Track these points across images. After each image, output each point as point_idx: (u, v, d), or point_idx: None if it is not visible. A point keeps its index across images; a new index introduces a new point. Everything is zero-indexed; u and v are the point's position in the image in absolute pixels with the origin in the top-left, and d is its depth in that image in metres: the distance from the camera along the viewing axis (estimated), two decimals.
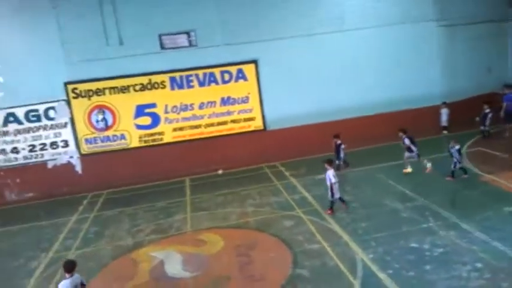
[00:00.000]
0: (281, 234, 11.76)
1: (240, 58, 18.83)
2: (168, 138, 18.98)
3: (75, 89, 18.14)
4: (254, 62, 18.99)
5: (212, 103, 19.05)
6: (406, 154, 15.34)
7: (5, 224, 15.75)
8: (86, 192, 17.80)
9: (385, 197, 13.43)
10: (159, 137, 18.95)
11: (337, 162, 15.95)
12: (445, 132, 19.49)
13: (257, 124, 19.46)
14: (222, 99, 19.09)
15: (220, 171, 18.32)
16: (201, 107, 19.00)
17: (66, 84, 18.04)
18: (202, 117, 19.05)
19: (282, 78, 19.14)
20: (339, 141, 16.25)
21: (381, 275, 9.16)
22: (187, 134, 19.08)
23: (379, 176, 15.36)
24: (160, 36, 18.25)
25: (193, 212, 14.36)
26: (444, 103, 19.58)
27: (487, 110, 18.02)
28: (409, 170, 15.26)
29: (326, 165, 12.83)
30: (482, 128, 18.17)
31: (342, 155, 16.24)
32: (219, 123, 19.22)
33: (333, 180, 12.52)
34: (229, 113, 19.22)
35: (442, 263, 9.30)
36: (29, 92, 17.77)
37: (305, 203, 13.88)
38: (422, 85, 19.93)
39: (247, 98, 19.24)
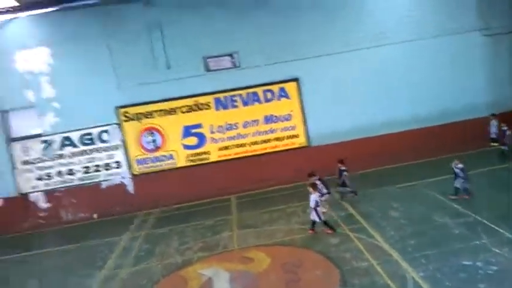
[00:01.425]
0: (327, 252, 11.70)
1: (281, 77, 19.13)
2: (214, 157, 19.42)
3: (127, 112, 19.02)
4: (296, 80, 19.21)
5: (256, 122, 19.38)
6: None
7: (62, 243, 16.59)
8: (138, 211, 18.47)
9: (434, 212, 13.08)
10: (206, 156, 19.42)
11: (340, 189, 15.23)
12: (494, 144, 18.75)
13: (301, 141, 19.56)
14: (265, 117, 19.38)
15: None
16: (245, 125, 19.36)
17: (118, 108, 18.94)
18: (246, 135, 19.40)
19: (324, 95, 19.22)
20: (343, 167, 15.49)
21: None
22: (232, 153, 19.45)
23: (428, 191, 14.99)
24: (205, 58, 18.88)
25: (240, 230, 14.55)
26: (493, 115, 18.90)
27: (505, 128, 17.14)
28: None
29: (310, 189, 12.94)
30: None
31: (346, 181, 15.41)
32: (263, 141, 19.48)
33: (313, 204, 12.70)
34: (272, 130, 19.45)
35: (496, 282, 8.96)
36: (83, 116, 18.80)
37: (351, 220, 13.75)
38: (467, 97, 19.40)
39: (290, 115, 19.43)
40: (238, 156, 19.46)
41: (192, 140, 19.34)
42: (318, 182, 14.40)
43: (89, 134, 19.13)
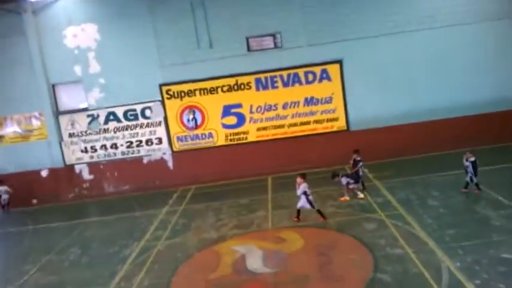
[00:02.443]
0: (362, 237, 11.61)
1: (324, 58, 18.82)
2: (252, 137, 19.52)
3: (169, 90, 19.36)
4: (339, 62, 18.86)
5: (296, 103, 19.24)
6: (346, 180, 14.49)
7: (103, 214, 17.43)
8: (176, 186, 18.94)
9: (476, 203, 12.69)
10: (244, 136, 19.55)
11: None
12: None
13: (340, 124, 19.30)
14: (306, 99, 19.21)
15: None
16: (284, 107, 19.29)
17: (161, 85, 19.31)
18: (285, 117, 19.34)
19: (367, 78, 18.79)
20: (358, 158, 15.00)
21: (468, 285, 8.70)
22: (270, 134, 19.48)
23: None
24: (247, 38, 18.83)
25: (274, 210, 14.66)
26: None
27: None
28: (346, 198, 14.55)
29: (299, 179, 12.88)
30: None
31: (360, 173, 14.90)
32: (302, 123, 19.36)
33: (300, 193, 12.82)
34: (312, 113, 19.28)
35: None
36: (128, 92, 19.31)
37: (388, 206, 13.54)
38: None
39: (331, 98, 19.16)
40: (276, 137, 19.46)
41: (232, 120, 19.49)
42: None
43: (133, 110, 19.64)
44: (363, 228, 12.24)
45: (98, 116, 19.69)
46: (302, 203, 13.00)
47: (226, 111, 19.43)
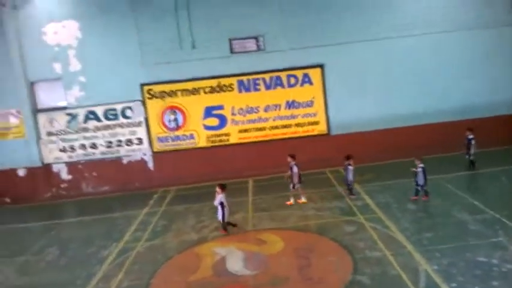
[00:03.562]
0: (341, 240, 11.74)
1: (306, 62, 18.97)
2: (234, 139, 19.53)
3: (150, 90, 19.21)
4: (320, 66, 19.04)
5: (277, 106, 19.34)
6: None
7: (81, 214, 17.15)
8: (157, 187, 18.80)
9: (453, 207, 12.95)
10: (226, 137, 19.54)
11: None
12: None
13: (321, 128, 19.48)
14: (287, 102, 19.32)
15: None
16: (266, 109, 19.36)
17: (142, 85, 19.15)
18: (267, 119, 19.42)
19: (348, 83, 19.03)
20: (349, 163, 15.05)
21: None
22: (252, 136, 19.53)
23: (448, 186, 14.83)
24: (230, 40, 18.84)
25: (255, 212, 14.70)
26: None
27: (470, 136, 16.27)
28: (291, 202, 14.94)
29: (217, 189, 12.93)
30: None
31: (350, 177, 15.02)
32: (284, 126, 19.47)
33: (217, 203, 12.80)
34: (293, 116, 19.41)
35: (511, 280, 8.86)
36: (108, 91, 19.07)
37: (368, 209, 13.73)
38: (491, 93, 18.98)
39: (312, 102, 19.33)
40: (257, 139, 19.51)
41: (213, 121, 19.45)
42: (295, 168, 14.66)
43: (113, 109, 19.41)
44: (342, 230, 12.38)
45: (78, 114, 19.39)
46: (220, 214, 12.94)
47: (208, 112, 19.39)
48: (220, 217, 12.98)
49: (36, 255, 13.07)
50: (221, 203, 12.84)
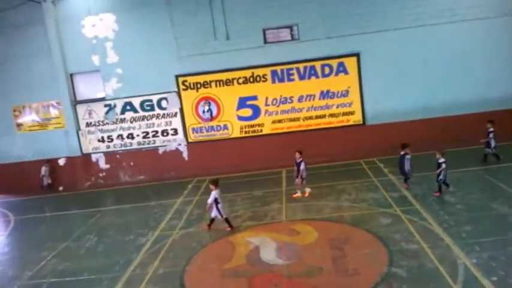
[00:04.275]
0: (377, 231, 11.54)
1: (341, 51, 18.68)
2: (267, 130, 19.52)
3: (185, 81, 19.43)
4: (356, 55, 18.70)
5: (311, 96, 19.16)
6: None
7: (119, 203, 17.63)
8: (191, 177, 19.07)
9: (493, 200, 12.50)
10: (259, 128, 19.55)
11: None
12: None
13: (356, 118, 19.18)
14: (322, 92, 19.11)
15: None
16: (300, 100, 19.22)
17: (177, 76, 19.38)
18: (301, 110, 19.28)
19: (384, 72, 18.63)
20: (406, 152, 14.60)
21: (484, 282, 8.61)
22: (285, 127, 19.45)
23: (488, 177, 14.32)
24: (264, 30, 18.77)
25: (289, 203, 14.65)
26: None
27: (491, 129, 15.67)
28: (298, 194, 14.74)
29: (211, 186, 12.77)
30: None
31: (408, 167, 14.51)
32: (318, 117, 19.29)
33: (210, 201, 12.66)
34: (328, 106, 19.19)
35: None
36: (144, 83, 19.45)
37: (404, 201, 13.44)
38: None
39: (347, 91, 19.03)
40: (291, 130, 19.43)
41: (247, 112, 19.49)
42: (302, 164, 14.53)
43: (149, 100, 19.77)
44: (377, 222, 12.17)
45: (115, 106, 19.87)
46: (215, 212, 12.83)
47: (242, 103, 19.44)
48: (217, 215, 12.87)
49: (77, 242, 13.52)
50: (215, 199, 12.75)
